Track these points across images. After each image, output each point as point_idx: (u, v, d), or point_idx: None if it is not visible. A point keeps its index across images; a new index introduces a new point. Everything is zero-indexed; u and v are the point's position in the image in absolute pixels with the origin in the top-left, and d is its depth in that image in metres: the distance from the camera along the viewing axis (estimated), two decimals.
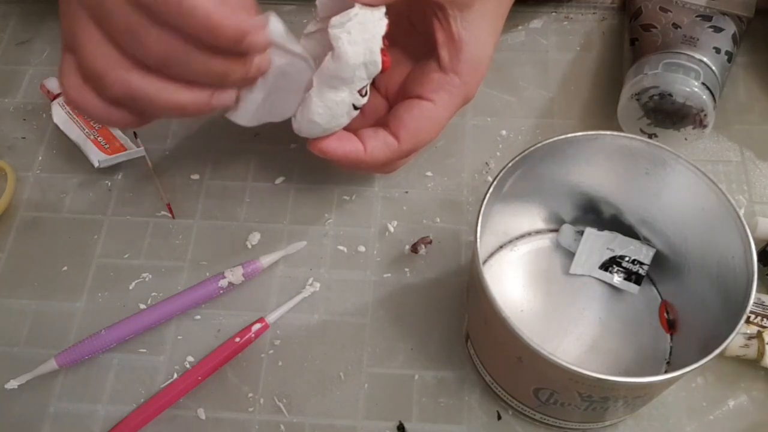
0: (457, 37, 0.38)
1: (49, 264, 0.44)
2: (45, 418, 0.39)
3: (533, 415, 0.37)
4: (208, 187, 0.47)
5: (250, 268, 0.42)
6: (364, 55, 0.35)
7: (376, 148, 0.40)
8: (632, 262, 0.41)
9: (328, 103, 0.37)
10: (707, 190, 0.34)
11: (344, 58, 0.35)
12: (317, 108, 0.37)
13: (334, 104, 0.37)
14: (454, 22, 0.38)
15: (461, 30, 0.38)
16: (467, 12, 0.38)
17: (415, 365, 0.40)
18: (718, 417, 0.38)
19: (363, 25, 0.35)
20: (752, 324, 0.39)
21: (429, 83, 0.40)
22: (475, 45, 0.39)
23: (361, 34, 0.35)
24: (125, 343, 0.41)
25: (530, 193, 0.39)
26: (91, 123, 0.48)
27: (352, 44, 0.35)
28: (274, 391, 0.40)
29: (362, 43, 0.35)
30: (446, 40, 0.39)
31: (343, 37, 0.35)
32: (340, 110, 0.37)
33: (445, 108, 0.40)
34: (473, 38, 0.38)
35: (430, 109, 0.40)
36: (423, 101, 0.40)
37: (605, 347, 0.40)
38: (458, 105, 0.40)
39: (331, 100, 0.36)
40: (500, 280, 0.42)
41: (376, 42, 0.35)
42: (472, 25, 0.38)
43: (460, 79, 0.39)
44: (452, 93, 0.40)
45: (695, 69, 0.43)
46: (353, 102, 0.37)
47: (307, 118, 0.37)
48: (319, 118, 0.37)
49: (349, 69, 0.35)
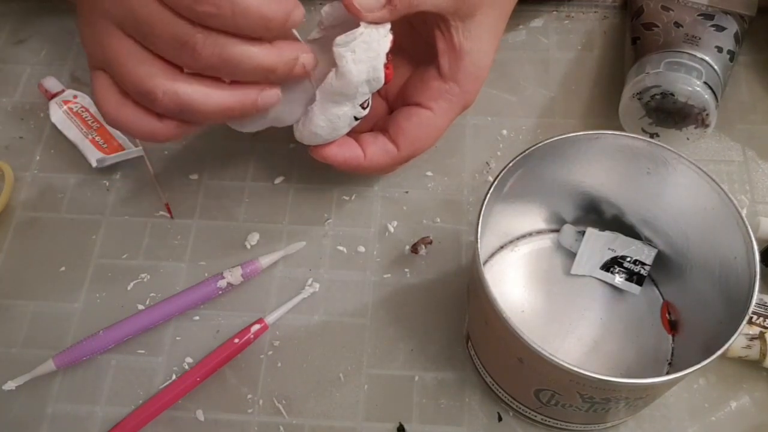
0: (458, 46, 0.39)
1: (47, 264, 0.44)
2: (43, 419, 0.39)
3: (534, 416, 0.37)
4: (207, 187, 0.47)
5: (249, 268, 0.42)
6: (368, 72, 0.36)
7: (375, 155, 0.40)
8: (634, 262, 0.41)
9: (330, 117, 0.37)
10: (709, 190, 0.33)
11: (348, 77, 0.35)
12: (319, 121, 0.37)
13: (336, 118, 0.38)
14: (456, 32, 0.38)
15: (462, 40, 0.39)
16: (469, 22, 0.38)
17: (415, 366, 0.40)
18: (720, 418, 0.38)
19: (368, 44, 0.35)
20: (754, 325, 0.38)
21: (428, 91, 0.40)
22: (476, 54, 0.39)
23: (365, 53, 0.35)
24: (124, 344, 0.41)
25: (531, 193, 0.39)
26: (88, 123, 0.48)
27: (357, 63, 0.35)
28: (273, 393, 0.39)
29: (366, 61, 0.36)
30: (447, 49, 0.39)
31: (347, 56, 0.35)
32: (342, 123, 0.38)
33: (444, 116, 0.41)
34: (474, 48, 0.39)
35: (429, 117, 0.40)
36: (422, 109, 0.40)
37: (606, 348, 0.39)
38: (457, 113, 0.41)
39: (334, 114, 0.37)
40: (501, 281, 0.41)
41: (380, 60, 0.36)
42: (473, 35, 0.39)
43: (460, 88, 0.40)
44: (451, 101, 0.40)
45: (697, 68, 0.42)
46: (354, 114, 0.38)
47: (309, 129, 0.38)
48: (321, 130, 0.38)
49: (353, 87, 0.36)
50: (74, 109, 0.48)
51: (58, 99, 0.48)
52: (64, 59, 0.52)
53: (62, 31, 0.54)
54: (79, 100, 0.49)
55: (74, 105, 0.48)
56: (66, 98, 0.49)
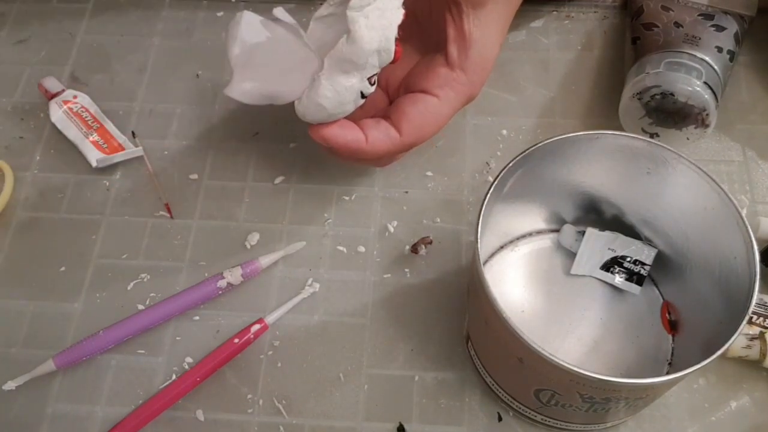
0: (467, 34, 0.39)
1: (46, 264, 0.44)
2: (43, 419, 0.39)
3: (534, 416, 0.37)
4: (207, 187, 0.47)
5: (249, 268, 0.42)
6: (380, 41, 0.35)
7: (377, 139, 0.39)
8: (634, 262, 0.41)
9: (337, 87, 0.36)
10: (709, 190, 0.33)
11: (360, 42, 0.35)
12: (326, 91, 0.36)
13: (343, 89, 0.36)
14: (467, 19, 0.38)
15: (472, 28, 0.39)
16: (480, 10, 0.38)
17: (415, 366, 0.40)
18: (720, 418, 0.38)
19: (381, 11, 0.35)
20: (754, 325, 0.38)
21: (435, 78, 0.40)
22: (484, 44, 0.39)
23: (378, 20, 0.35)
24: (123, 344, 0.41)
25: (531, 193, 0.39)
26: (88, 123, 0.48)
27: (370, 29, 0.35)
28: (273, 393, 0.39)
29: (379, 29, 0.35)
30: (457, 36, 0.39)
31: (360, 21, 0.34)
32: (348, 96, 0.37)
33: (450, 104, 0.40)
34: (483, 37, 0.39)
35: (435, 105, 0.40)
36: (428, 96, 0.40)
37: (606, 348, 0.39)
38: (462, 102, 0.41)
39: (341, 84, 0.36)
40: (501, 281, 0.41)
41: (392, 30, 0.35)
42: (483, 23, 0.39)
43: (467, 77, 0.40)
44: (457, 90, 0.40)
45: (697, 68, 0.42)
46: (362, 89, 0.37)
47: (314, 101, 0.37)
48: (326, 101, 0.37)
49: (364, 54, 0.35)
50: (74, 109, 0.48)
51: (58, 99, 0.48)
52: (64, 59, 0.52)
53: (62, 31, 0.54)
54: (79, 100, 0.49)
55: (74, 105, 0.48)
56: (66, 98, 0.49)
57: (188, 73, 0.51)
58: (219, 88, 0.50)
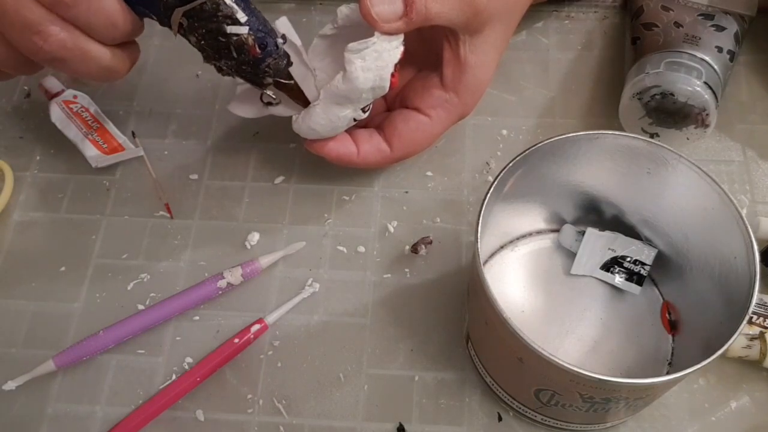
0: (463, 59, 0.40)
1: (46, 264, 0.44)
2: (43, 419, 0.39)
3: (534, 416, 0.37)
4: (207, 187, 0.47)
5: (249, 268, 0.42)
6: (374, 81, 0.37)
7: (369, 153, 0.42)
8: (634, 262, 0.41)
9: (331, 116, 0.39)
10: (709, 190, 0.33)
11: (354, 82, 0.36)
12: (320, 119, 0.39)
13: (336, 118, 0.39)
14: (463, 45, 0.39)
15: (468, 53, 0.40)
16: (476, 37, 0.39)
17: (415, 366, 0.40)
18: (720, 418, 0.38)
19: (378, 53, 0.36)
20: (754, 325, 0.38)
21: (429, 98, 0.41)
22: (479, 68, 0.40)
23: (374, 62, 0.36)
24: (123, 344, 0.41)
25: (531, 193, 0.39)
26: (88, 123, 0.48)
27: (365, 71, 0.36)
28: (273, 393, 0.39)
29: (375, 70, 0.36)
30: (452, 60, 0.40)
31: (357, 63, 0.36)
32: (341, 123, 0.39)
33: (440, 124, 0.42)
34: (478, 62, 0.40)
35: (426, 124, 0.41)
36: (420, 115, 0.41)
37: (606, 348, 0.39)
38: (453, 122, 0.42)
39: (335, 114, 0.38)
40: (501, 281, 0.41)
41: (388, 70, 0.37)
42: (479, 49, 0.40)
43: (459, 99, 0.41)
44: (449, 111, 0.41)
45: (697, 68, 0.42)
46: (355, 116, 0.39)
47: (308, 125, 0.39)
48: (320, 128, 0.39)
49: (357, 92, 0.37)
50: (74, 109, 0.48)
51: (58, 99, 0.48)
52: None
53: None
54: (79, 100, 0.49)
55: (74, 105, 0.48)
56: (66, 98, 0.48)
57: (188, 73, 0.51)
58: (219, 88, 0.51)
